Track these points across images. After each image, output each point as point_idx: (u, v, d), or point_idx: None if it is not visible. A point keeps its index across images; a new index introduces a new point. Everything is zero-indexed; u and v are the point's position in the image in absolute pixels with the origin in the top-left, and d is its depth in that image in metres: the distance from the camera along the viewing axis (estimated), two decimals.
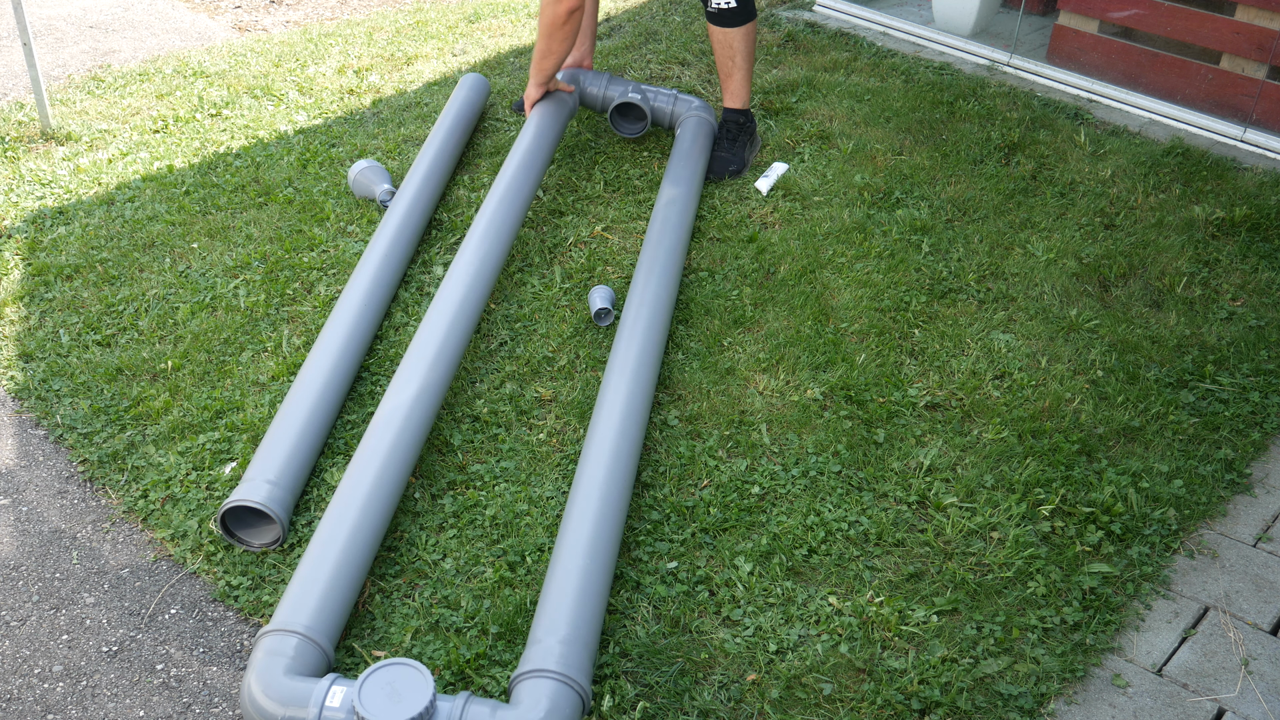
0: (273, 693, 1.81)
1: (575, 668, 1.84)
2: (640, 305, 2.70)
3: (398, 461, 2.24)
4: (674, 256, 2.92)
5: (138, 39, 4.82)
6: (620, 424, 2.32)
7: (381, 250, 2.93)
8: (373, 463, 2.20)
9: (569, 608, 1.93)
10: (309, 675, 1.86)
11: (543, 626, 1.92)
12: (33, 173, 3.60)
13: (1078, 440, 2.49)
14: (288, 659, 1.86)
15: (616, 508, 2.15)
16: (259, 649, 1.89)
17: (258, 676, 1.85)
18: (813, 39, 4.53)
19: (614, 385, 2.43)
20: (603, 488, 2.16)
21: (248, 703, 1.83)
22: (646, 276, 2.80)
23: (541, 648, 1.87)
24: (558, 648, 1.86)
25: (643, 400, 2.43)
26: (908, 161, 3.58)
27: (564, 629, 1.89)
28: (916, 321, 2.88)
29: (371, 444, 2.25)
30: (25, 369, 2.76)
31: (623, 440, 2.29)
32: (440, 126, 3.54)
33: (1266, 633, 2.10)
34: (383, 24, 5.06)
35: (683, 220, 3.08)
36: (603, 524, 2.09)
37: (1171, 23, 3.92)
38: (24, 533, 2.34)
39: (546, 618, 1.93)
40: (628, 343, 2.57)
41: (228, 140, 3.83)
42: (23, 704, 1.99)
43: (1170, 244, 3.18)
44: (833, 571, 2.20)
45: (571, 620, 1.91)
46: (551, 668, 1.82)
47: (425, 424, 2.35)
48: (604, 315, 2.84)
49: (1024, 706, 1.94)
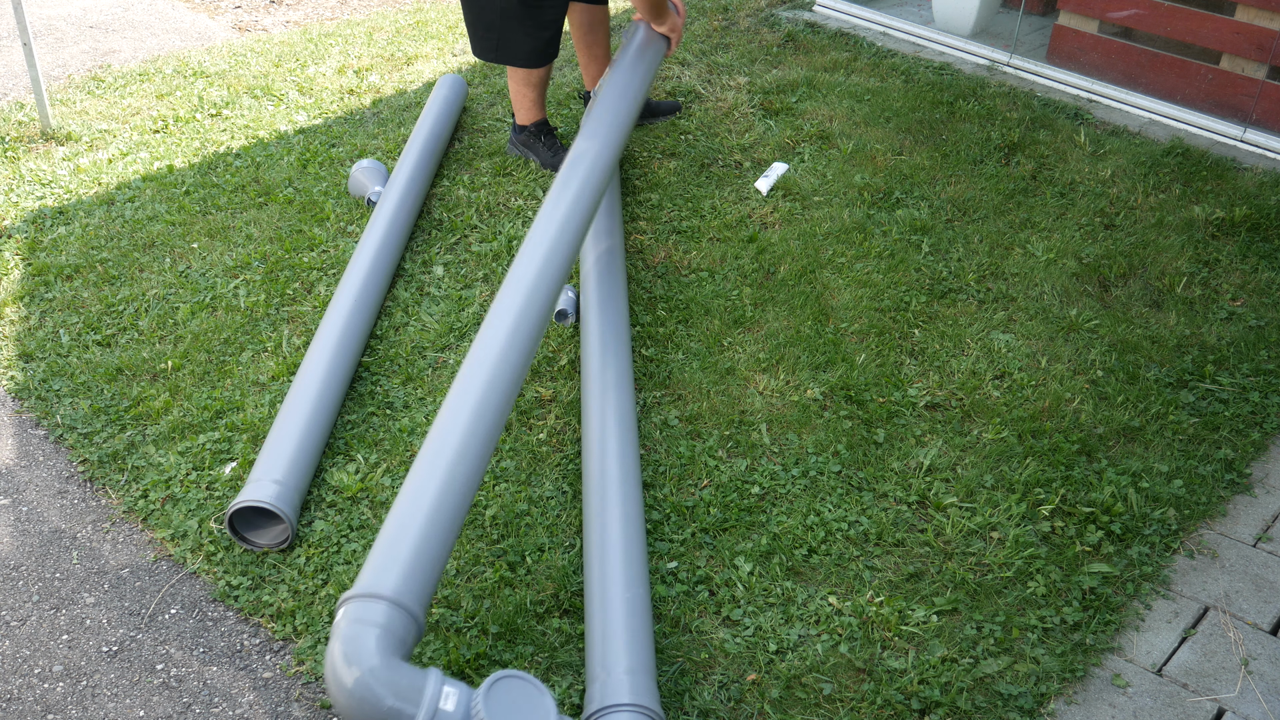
0: (379, 677, 1.55)
1: (647, 696, 1.83)
2: (589, 311, 2.67)
3: (495, 404, 1.96)
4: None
5: (138, 39, 4.82)
6: (618, 440, 2.31)
7: (373, 246, 2.96)
8: (465, 405, 1.94)
9: (623, 638, 1.91)
10: (403, 650, 1.64)
11: (599, 661, 1.89)
12: (33, 173, 3.60)
13: (1078, 440, 2.49)
14: (382, 630, 1.61)
15: (639, 530, 2.15)
16: (344, 619, 1.64)
17: (353, 652, 1.58)
18: (813, 39, 4.53)
19: (598, 405, 2.41)
20: (621, 508, 2.15)
21: (339, 683, 1.57)
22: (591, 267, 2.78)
23: (611, 681, 1.84)
24: (626, 679, 1.84)
25: (630, 410, 2.42)
26: (908, 161, 3.58)
27: (625, 659, 1.87)
28: (916, 321, 2.88)
29: (464, 384, 1.99)
30: (25, 369, 2.76)
31: (626, 456, 2.28)
32: (422, 124, 3.58)
33: (1266, 633, 2.10)
34: (383, 24, 5.06)
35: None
36: (631, 548, 2.09)
37: (1171, 23, 3.92)
38: (24, 533, 2.34)
39: (599, 651, 1.90)
40: (596, 358, 2.54)
41: (228, 140, 3.83)
42: (23, 704, 1.99)
43: (1170, 244, 3.18)
44: (833, 571, 2.20)
45: (629, 649, 1.89)
46: (625, 700, 1.80)
47: (521, 371, 2.08)
48: (563, 316, 2.85)
49: (1024, 706, 1.94)
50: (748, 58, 4.34)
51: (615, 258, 2.87)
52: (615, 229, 2.98)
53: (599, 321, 2.63)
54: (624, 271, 2.86)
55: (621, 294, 2.77)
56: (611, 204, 3.08)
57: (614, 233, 2.96)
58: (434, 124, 3.59)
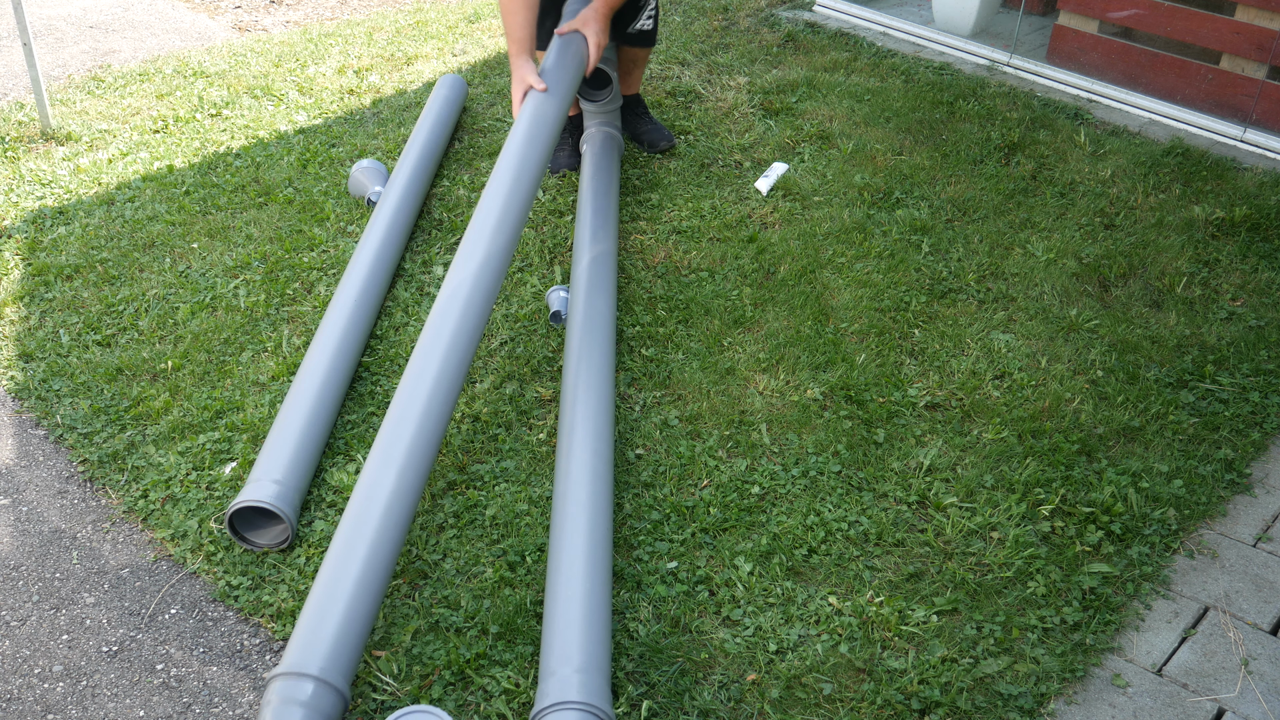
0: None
1: (597, 695, 1.81)
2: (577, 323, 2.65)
3: (416, 463, 2.03)
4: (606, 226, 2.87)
5: (138, 39, 4.82)
6: (592, 435, 2.30)
7: (373, 246, 2.96)
8: (389, 465, 2.01)
9: (578, 634, 1.90)
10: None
11: (555, 657, 1.88)
12: (33, 173, 3.60)
13: (1078, 440, 2.49)
14: (308, 710, 1.76)
15: (605, 520, 2.13)
16: (275, 696, 1.78)
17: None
18: (813, 39, 4.54)
19: (574, 397, 2.40)
20: (589, 505, 2.14)
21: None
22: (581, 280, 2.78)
23: (557, 679, 1.83)
24: (575, 677, 1.83)
25: (604, 405, 2.39)
26: (908, 161, 3.58)
27: (577, 657, 1.86)
28: (916, 321, 2.88)
29: (387, 439, 2.04)
30: (25, 369, 2.76)
31: (599, 450, 2.27)
32: (422, 124, 3.59)
33: (1266, 633, 2.10)
34: (383, 24, 5.06)
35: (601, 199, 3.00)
36: (595, 542, 2.07)
37: (1171, 23, 3.92)
38: (24, 533, 2.34)
39: (557, 648, 1.89)
40: (573, 364, 2.52)
41: (228, 140, 3.83)
42: (23, 704, 1.99)
43: (1170, 244, 3.18)
44: (833, 571, 2.20)
45: (583, 646, 1.88)
46: (573, 698, 1.79)
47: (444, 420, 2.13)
48: (558, 318, 2.85)
49: (1024, 706, 1.94)
50: (748, 58, 4.34)
51: (607, 260, 2.86)
52: (609, 233, 2.97)
53: (584, 321, 2.61)
54: (614, 272, 2.85)
55: (609, 292, 2.74)
56: (607, 206, 3.07)
57: (607, 237, 2.95)
58: (434, 124, 3.60)
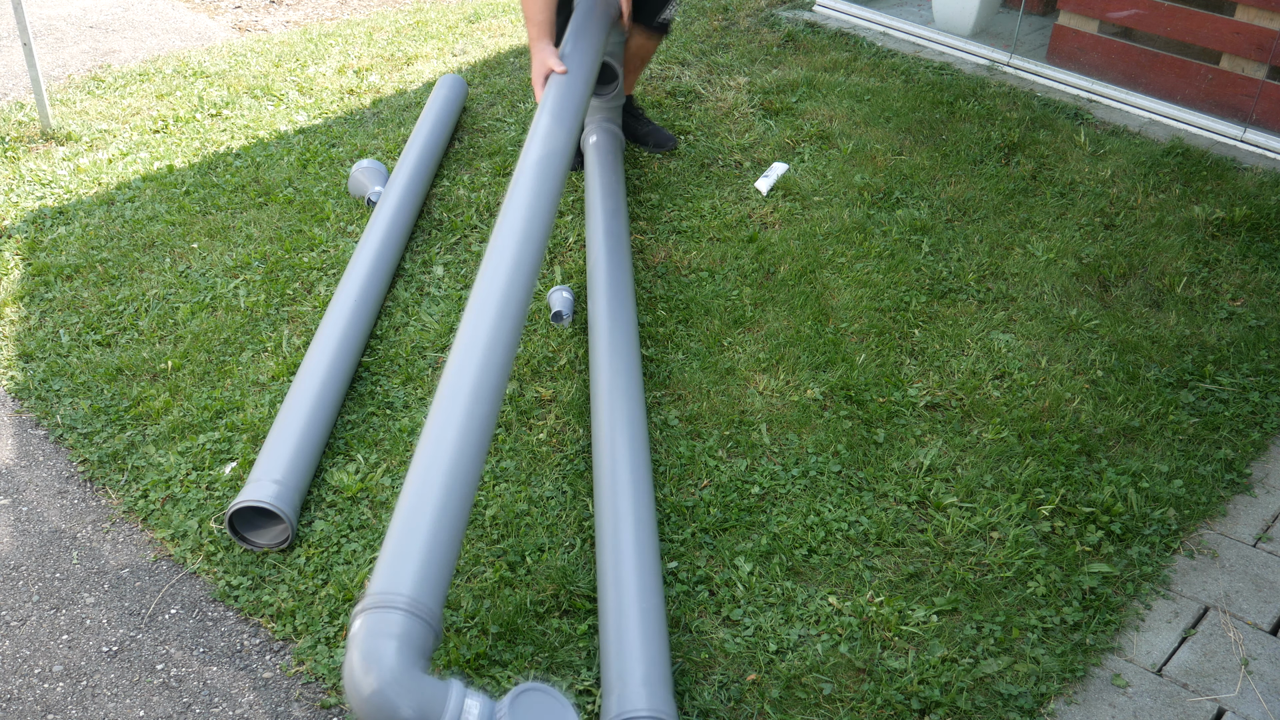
0: (399, 689, 1.50)
1: (664, 706, 1.82)
2: (600, 318, 2.65)
3: (489, 389, 1.91)
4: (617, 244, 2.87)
5: (138, 39, 4.82)
6: (629, 443, 2.30)
7: (373, 246, 2.96)
8: (460, 390, 1.89)
9: (639, 648, 1.90)
10: (423, 659, 1.59)
11: (614, 672, 1.87)
12: (33, 173, 3.60)
13: (1078, 440, 2.48)
14: (400, 642, 1.55)
15: (652, 535, 2.14)
16: (362, 630, 1.58)
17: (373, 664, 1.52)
18: (813, 39, 4.53)
19: (607, 409, 2.39)
20: (634, 514, 2.14)
21: (358, 695, 1.52)
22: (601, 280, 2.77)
23: (626, 692, 1.82)
24: (643, 690, 1.82)
25: (639, 413, 2.40)
26: (908, 161, 3.58)
27: (640, 669, 1.86)
28: (916, 321, 2.88)
29: (456, 367, 1.94)
30: (25, 369, 2.76)
31: (637, 460, 2.27)
32: (422, 124, 3.59)
33: (1266, 633, 2.10)
34: (383, 24, 5.06)
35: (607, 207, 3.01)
36: (644, 554, 2.08)
37: (1171, 23, 3.92)
38: (24, 533, 2.34)
39: (615, 662, 1.88)
40: (605, 366, 2.51)
41: (228, 140, 3.83)
42: (23, 704, 1.99)
43: (1170, 244, 3.18)
44: (833, 571, 2.20)
45: (644, 658, 1.88)
46: (643, 710, 1.79)
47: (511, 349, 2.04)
48: (559, 318, 2.85)
49: (1024, 706, 1.94)
50: (748, 58, 4.34)
51: (622, 257, 2.86)
52: (622, 230, 2.97)
53: (608, 321, 2.61)
54: (631, 271, 2.86)
55: (629, 293, 2.77)
56: (617, 205, 3.07)
57: (621, 234, 2.95)
58: (434, 124, 3.60)
